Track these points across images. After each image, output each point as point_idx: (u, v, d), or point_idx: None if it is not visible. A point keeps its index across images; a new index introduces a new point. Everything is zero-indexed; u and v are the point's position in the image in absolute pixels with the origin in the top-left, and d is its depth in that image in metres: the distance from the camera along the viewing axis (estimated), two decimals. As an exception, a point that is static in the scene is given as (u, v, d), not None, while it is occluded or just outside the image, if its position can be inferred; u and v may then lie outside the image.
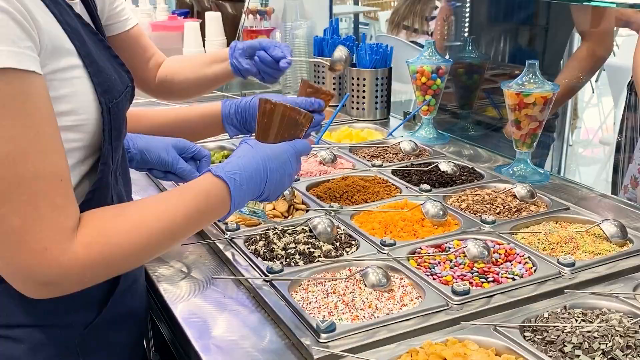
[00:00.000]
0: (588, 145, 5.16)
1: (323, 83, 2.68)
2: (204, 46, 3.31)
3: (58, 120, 0.93)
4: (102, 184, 1.04)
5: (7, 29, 0.84)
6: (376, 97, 2.47)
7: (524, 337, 1.12)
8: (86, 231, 0.92)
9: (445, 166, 1.86)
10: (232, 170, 1.07)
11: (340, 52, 1.75)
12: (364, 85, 2.46)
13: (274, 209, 1.60)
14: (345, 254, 1.41)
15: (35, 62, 0.87)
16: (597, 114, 5.39)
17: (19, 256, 0.88)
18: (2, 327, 1.03)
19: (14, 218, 0.86)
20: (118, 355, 1.18)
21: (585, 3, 2.15)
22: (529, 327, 1.14)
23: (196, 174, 1.45)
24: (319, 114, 1.47)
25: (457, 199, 1.68)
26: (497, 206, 1.62)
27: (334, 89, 2.67)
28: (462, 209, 1.62)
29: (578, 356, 1.06)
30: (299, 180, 1.81)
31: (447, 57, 2.37)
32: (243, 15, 3.15)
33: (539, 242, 1.45)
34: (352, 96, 2.48)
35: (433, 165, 1.87)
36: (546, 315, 1.17)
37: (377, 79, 2.46)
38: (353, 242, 1.46)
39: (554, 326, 1.12)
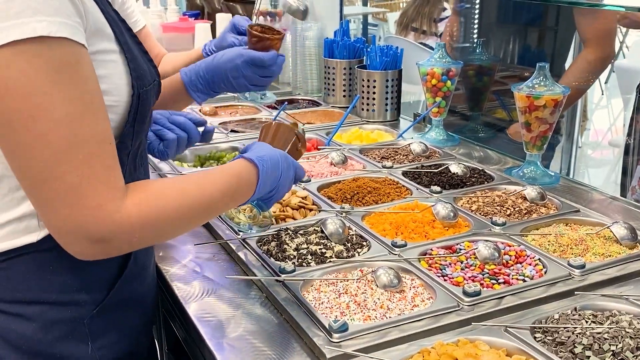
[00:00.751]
0: (597, 147, 5.14)
1: (334, 85, 2.70)
2: (214, 47, 3.33)
3: None
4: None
5: (62, 3, 0.90)
6: (386, 98, 2.48)
7: (535, 338, 1.13)
8: (137, 193, 0.99)
9: (455, 168, 1.87)
10: (260, 155, 1.18)
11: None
12: (374, 87, 2.47)
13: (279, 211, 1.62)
14: (356, 254, 1.42)
15: (84, 37, 0.94)
16: (606, 115, 5.38)
17: (76, 212, 0.93)
18: (15, 303, 1.06)
19: (72, 176, 0.92)
20: (127, 337, 1.21)
21: (594, 7, 2.15)
22: (540, 328, 1.15)
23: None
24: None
25: (468, 201, 1.70)
26: (508, 208, 1.63)
27: (344, 90, 2.69)
28: (472, 211, 1.63)
29: (588, 357, 1.06)
30: (309, 181, 1.83)
31: (457, 59, 2.37)
32: (253, 16, 3.16)
33: (549, 244, 1.45)
34: (362, 98, 2.50)
35: (443, 167, 1.89)
36: (556, 316, 1.18)
37: (387, 80, 2.47)
38: (364, 243, 1.47)
39: (565, 327, 1.13)
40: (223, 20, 3.31)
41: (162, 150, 1.46)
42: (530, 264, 1.37)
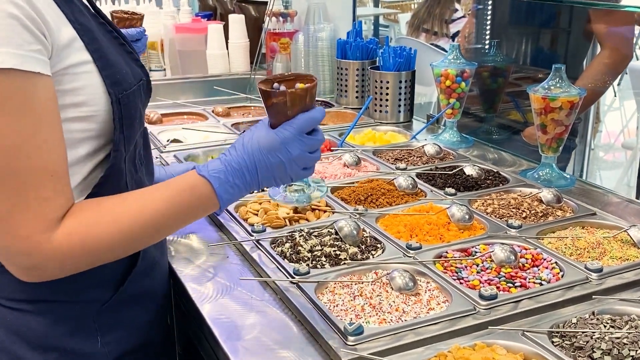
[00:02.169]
0: (610, 149, 5.11)
1: (346, 86, 2.69)
2: (227, 48, 3.33)
3: (72, 111, 1.02)
4: (114, 170, 1.10)
5: (14, 33, 0.91)
6: (399, 100, 2.47)
7: (552, 342, 1.12)
8: (69, 222, 0.98)
9: (470, 170, 1.85)
10: (215, 169, 1.10)
11: None
12: (387, 88, 2.46)
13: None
14: (371, 257, 1.41)
15: (43, 64, 0.95)
16: (619, 117, 5.34)
17: (5, 240, 0.96)
18: (25, 302, 1.10)
19: (2, 205, 0.94)
20: (136, 333, 1.24)
21: (610, 7, 2.13)
22: (558, 332, 1.14)
23: None
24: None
25: (483, 203, 1.68)
26: (524, 211, 1.62)
27: (357, 92, 2.68)
28: (487, 213, 1.62)
29: (607, 362, 1.05)
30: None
31: (471, 60, 2.36)
32: (266, 17, 3.16)
33: (565, 248, 1.44)
34: (375, 99, 2.49)
35: (458, 169, 1.87)
36: (574, 320, 1.17)
37: (400, 81, 2.46)
38: (379, 245, 1.46)
39: (583, 332, 1.12)
40: (235, 21, 3.31)
41: None
42: (547, 267, 1.36)
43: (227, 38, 3.34)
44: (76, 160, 1.06)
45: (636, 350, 1.06)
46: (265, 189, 1.46)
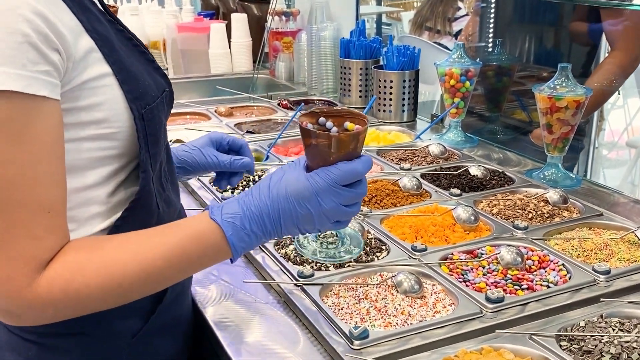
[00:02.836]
0: (613, 147, 5.09)
1: (349, 85, 2.67)
2: (229, 47, 3.32)
3: (91, 129, 0.94)
4: (144, 193, 1.02)
5: (19, 52, 0.82)
6: (403, 99, 2.46)
7: (560, 346, 1.10)
8: (55, 264, 0.88)
9: (475, 170, 1.84)
10: (230, 213, 0.97)
11: None
12: (390, 87, 2.44)
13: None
14: (375, 259, 1.40)
15: (50, 86, 0.85)
16: (622, 115, 5.32)
17: None
18: (51, 336, 1.02)
19: None
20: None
21: (619, 7, 2.11)
22: (566, 336, 1.12)
23: (241, 160, 1.38)
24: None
25: (488, 204, 1.67)
26: (530, 212, 1.60)
27: (360, 91, 2.67)
28: (493, 214, 1.60)
29: (616, 367, 1.04)
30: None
31: (475, 59, 2.34)
32: (269, 16, 3.15)
33: (572, 249, 1.42)
34: (379, 99, 2.47)
35: (463, 169, 1.86)
36: (582, 324, 1.15)
37: (404, 81, 2.44)
38: (384, 247, 1.45)
39: (591, 335, 1.10)
40: (238, 20, 3.30)
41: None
42: (554, 269, 1.34)
43: (229, 37, 3.32)
44: (95, 182, 0.98)
45: (646, 355, 1.05)
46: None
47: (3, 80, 0.81)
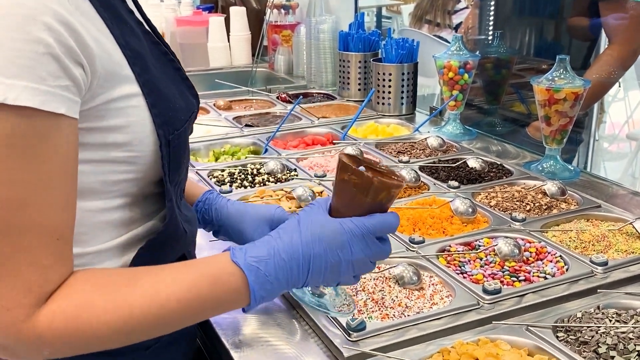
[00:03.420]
0: (614, 140, 5.08)
1: (348, 78, 2.67)
2: (228, 41, 3.32)
3: (112, 152, 0.87)
4: (171, 223, 0.96)
5: (39, 63, 0.74)
6: (402, 92, 2.45)
7: (557, 337, 1.10)
8: (58, 298, 0.80)
9: (473, 162, 1.84)
10: (256, 257, 0.90)
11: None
12: (389, 80, 2.44)
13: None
14: (373, 251, 1.39)
15: (69, 103, 0.78)
16: (623, 108, 5.31)
17: None
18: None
19: None
20: None
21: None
22: (562, 327, 1.13)
23: None
24: None
25: (486, 196, 1.67)
26: (527, 203, 1.60)
27: (359, 84, 2.67)
28: (491, 206, 1.60)
29: (613, 357, 1.04)
30: (324, 176, 1.80)
31: (474, 51, 2.34)
32: (267, 9, 3.14)
33: (570, 241, 1.42)
34: (378, 91, 2.47)
35: (461, 162, 1.86)
36: (579, 315, 1.15)
37: (403, 74, 2.44)
38: (381, 239, 1.45)
39: (588, 326, 1.10)
40: (237, 13, 3.30)
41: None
42: (551, 261, 1.34)
43: (228, 31, 3.32)
44: (110, 208, 0.91)
45: (642, 345, 1.05)
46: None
47: (18, 95, 0.73)
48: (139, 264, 0.95)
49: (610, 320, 1.13)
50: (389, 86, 2.45)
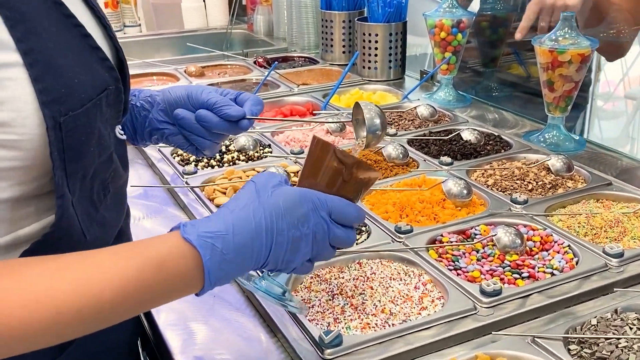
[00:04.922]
0: (609, 98, 4.91)
1: (332, 40, 2.45)
2: (204, 0, 3.10)
3: None
4: (64, 221, 0.79)
5: None
6: (390, 55, 2.25)
7: (569, 350, 0.93)
8: None
9: (468, 134, 1.65)
10: (211, 232, 0.77)
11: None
12: (376, 42, 2.23)
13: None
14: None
15: None
16: (618, 64, 5.12)
17: None
18: None
19: None
20: None
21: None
22: (575, 338, 0.95)
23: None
24: None
25: (483, 174, 1.48)
26: (529, 182, 1.42)
27: (344, 46, 2.46)
28: (488, 186, 1.42)
29: (636, 377, 0.87)
30: (302, 152, 1.60)
31: (468, 9, 2.13)
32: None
33: (579, 227, 1.24)
34: (363, 54, 2.26)
35: (454, 134, 1.66)
36: (594, 322, 0.98)
37: (390, 34, 2.23)
38: (363, 229, 1.26)
39: (607, 339, 0.93)
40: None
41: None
42: (558, 252, 1.17)
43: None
44: None
45: (671, 362, 0.88)
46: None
47: None
48: None
49: (631, 329, 0.96)
50: (376, 48, 2.24)
